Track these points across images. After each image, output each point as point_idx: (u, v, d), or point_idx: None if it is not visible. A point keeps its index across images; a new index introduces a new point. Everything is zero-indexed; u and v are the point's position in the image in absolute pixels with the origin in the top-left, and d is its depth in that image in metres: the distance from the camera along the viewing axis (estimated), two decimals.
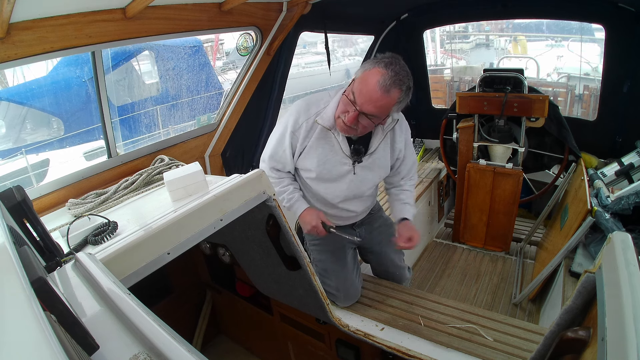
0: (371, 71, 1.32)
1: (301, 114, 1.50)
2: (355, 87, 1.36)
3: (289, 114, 1.53)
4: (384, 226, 1.89)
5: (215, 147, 2.56)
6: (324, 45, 2.86)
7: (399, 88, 1.32)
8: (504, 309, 2.67)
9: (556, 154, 3.05)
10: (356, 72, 1.42)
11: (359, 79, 1.36)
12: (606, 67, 2.94)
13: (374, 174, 1.60)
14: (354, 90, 1.36)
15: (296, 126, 1.50)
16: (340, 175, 1.56)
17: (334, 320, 1.56)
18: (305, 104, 1.53)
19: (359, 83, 1.35)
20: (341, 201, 1.64)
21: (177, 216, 1.02)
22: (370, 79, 1.31)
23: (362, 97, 1.33)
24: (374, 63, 1.33)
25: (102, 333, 0.58)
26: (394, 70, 1.30)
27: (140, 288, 0.87)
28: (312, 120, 1.49)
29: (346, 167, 1.54)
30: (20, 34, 1.39)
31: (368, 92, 1.32)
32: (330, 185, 1.59)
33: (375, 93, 1.30)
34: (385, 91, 1.30)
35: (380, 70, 1.30)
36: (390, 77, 1.29)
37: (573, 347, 0.70)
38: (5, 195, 0.85)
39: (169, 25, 1.90)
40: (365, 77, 1.33)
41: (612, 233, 0.71)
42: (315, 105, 1.51)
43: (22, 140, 5.57)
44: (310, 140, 1.50)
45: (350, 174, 1.56)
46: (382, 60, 1.33)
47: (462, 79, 7.05)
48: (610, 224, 2.00)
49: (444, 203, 3.87)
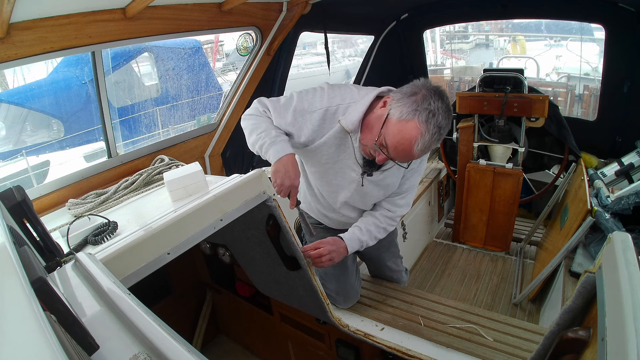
0: (409, 124, 1.13)
1: (323, 97, 1.32)
2: (389, 136, 1.18)
3: (310, 92, 1.36)
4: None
5: (215, 147, 2.56)
6: (323, 46, 2.86)
7: (438, 142, 1.17)
8: (504, 309, 2.67)
9: (556, 154, 3.05)
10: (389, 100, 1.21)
11: (395, 129, 1.16)
12: (606, 67, 2.94)
13: (379, 190, 1.47)
14: (386, 138, 1.18)
15: (311, 108, 1.31)
16: (346, 181, 1.44)
17: (334, 320, 1.56)
18: (330, 89, 1.35)
19: (393, 134, 1.16)
20: (341, 207, 1.55)
21: (177, 216, 1.02)
22: (407, 136, 1.13)
23: (396, 152, 1.19)
24: (413, 111, 1.13)
25: (102, 333, 0.58)
26: (437, 125, 1.12)
27: (140, 288, 0.87)
28: (332, 111, 1.31)
29: (354, 174, 1.41)
30: (20, 34, 1.39)
31: (404, 150, 1.16)
32: (332, 188, 1.49)
33: (411, 154, 1.17)
34: (422, 152, 1.17)
35: (419, 128, 1.12)
36: (430, 137, 1.13)
37: (573, 347, 0.70)
38: (5, 195, 0.85)
39: (169, 25, 1.90)
40: (402, 130, 1.14)
41: (612, 233, 0.71)
42: (340, 95, 1.33)
43: (22, 142, 5.57)
44: (325, 136, 1.34)
45: (357, 183, 1.43)
46: (424, 108, 1.12)
47: (462, 79, 7.05)
48: (610, 224, 2.00)
49: (444, 203, 3.87)
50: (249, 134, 1.36)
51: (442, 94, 1.16)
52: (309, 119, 1.32)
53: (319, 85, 1.38)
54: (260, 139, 1.30)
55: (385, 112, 1.21)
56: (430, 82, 1.19)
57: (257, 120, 1.36)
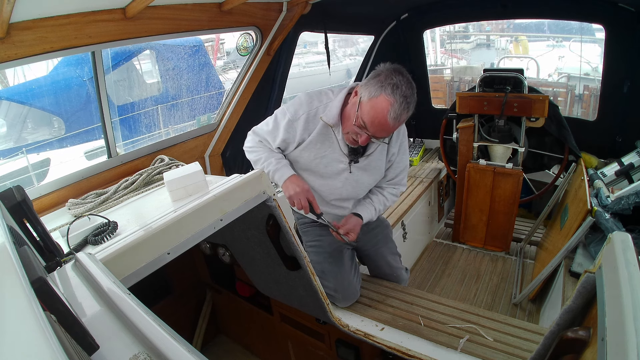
0: (378, 99, 1.30)
1: (302, 105, 1.51)
2: (364, 115, 1.34)
3: (290, 104, 1.54)
4: (379, 228, 1.88)
5: (215, 147, 2.56)
6: (324, 45, 2.86)
7: (408, 111, 1.32)
8: (504, 309, 2.67)
9: (556, 154, 3.05)
10: (358, 88, 1.39)
11: (367, 107, 1.33)
12: (606, 67, 2.94)
13: (369, 175, 1.61)
14: (363, 118, 1.34)
15: (295, 116, 1.50)
16: (336, 172, 1.57)
17: (334, 320, 1.56)
18: (307, 97, 1.53)
19: (367, 112, 1.33)
20: (335, 199, 1.64)
21: (177, 216, 1.02)
22: (379, 109, 1.30)
23: (374, 127, 1.34)
24: (379, 87, 1.30)
25: (102, 333, 0.58)
26: (402, 94, 1.28)
27: (140, 288, 0.87)
28: (313, 114, 1.49)
29: (342, 165, 1.55)
30: (20, 34, 1.39)
31: (380, 123, 1.32)
32: (325, 182, 1.60)
33: (387, 125, 1.31)
34: (396, 120, 1.31)
35: (388, 99, 1.28)
36: (399, 106, 1.29)
37: (573, 347, 0.70)
38: (5, 195, 0.85)
39: (169, 25, 1.90)
40: (374, 105, 1.31)
41: (612, 233, 0.71)
42: (318, 99, 1.52)
43: (23, 140, 5.57)
44: (311, 134, 1.51)
45: (346, 172, 1.57)
46: (388, 82, 1.29)
47: (462, 79, 7.05)
48: (610, 224, 2.00)
49: (444, 203, 3.87)
50: (254, 164, 1.61)
51: (401, 70, 1.33)
52: (297, 126, 1.51)
53: (297, 96, 1.57)
54: (265, 167, 1.53)
55: (358, 98, 1.38)
56: (389, 63, 1.37)
57: (257, 152, 1.59)
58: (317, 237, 1.77)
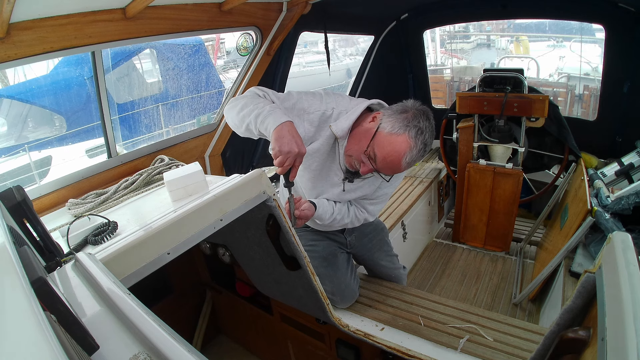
0: (399, 137, 1.22)
1: (322, 101, 1.39)
2: (379, 147, 1.25)
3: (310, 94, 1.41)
4: (373, 232, 1.86)
5: (215, 147, 2.56)
6: (324, 45, 2.85)
7: (421, 158, 1.27)
8: (504, 309, 2.67)
9: (556, 154, 3.05)
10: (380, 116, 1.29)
11: (385, 141, 1.24)
12: (606, 67, 2.94)
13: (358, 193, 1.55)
14: (375, 150, 1.26)
15: (311, 109, 1.37)
16: (330, 184, 1.51)
17: (334, 320, 1.56)
18: (327, 96, 1.42)
19: (383, 146, 1.24)
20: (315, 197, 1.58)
21: (177, 216, 1.02)
22: (397, 148, 1.22)
23: (384, 163, 1.26)
24: (404, 126, 1.22)
25: (102, 333, 0.58)
26: (423, 142, 1.23)
27: (140, 288, 0.87)
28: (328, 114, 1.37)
29: (337, 179, 1.49)
30: (20, 34, 1.39)
31: (392, 162, 1.25)
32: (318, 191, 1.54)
33: (399, 166, 1.25)
34: (408, 165, 1.26)
35: (409, 142, 1.21)
36: (417, 152, 1.23)
37: (573, 347, 0.70)
38: (5, 195, 0.85)
39: (169, 25, 1.90)
40: (392, 142, 1.23)
41: (612, 233, 0.71)
42: (335, 102, 1.40)
43: (25, 138, 5.58)
44: (318, 140, 1.41)
45: (339, 188, 1.51)
46: (414, 124, 1.22)
47: (462, 79, 7.05)
48: (610, 224, 2.01)
49: (444, 203, 3.87)
50: (241, 108, 1.27)
51: (429, 115, 1.26)
52: (307, 119, 1.37)
53: (316, 91, 1.44)
54: (257, 108, 1.22)
55: (375, 126, 1.29)
56: (419, 103, 1.30)
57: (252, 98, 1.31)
58: (310, 241, 1.73)
